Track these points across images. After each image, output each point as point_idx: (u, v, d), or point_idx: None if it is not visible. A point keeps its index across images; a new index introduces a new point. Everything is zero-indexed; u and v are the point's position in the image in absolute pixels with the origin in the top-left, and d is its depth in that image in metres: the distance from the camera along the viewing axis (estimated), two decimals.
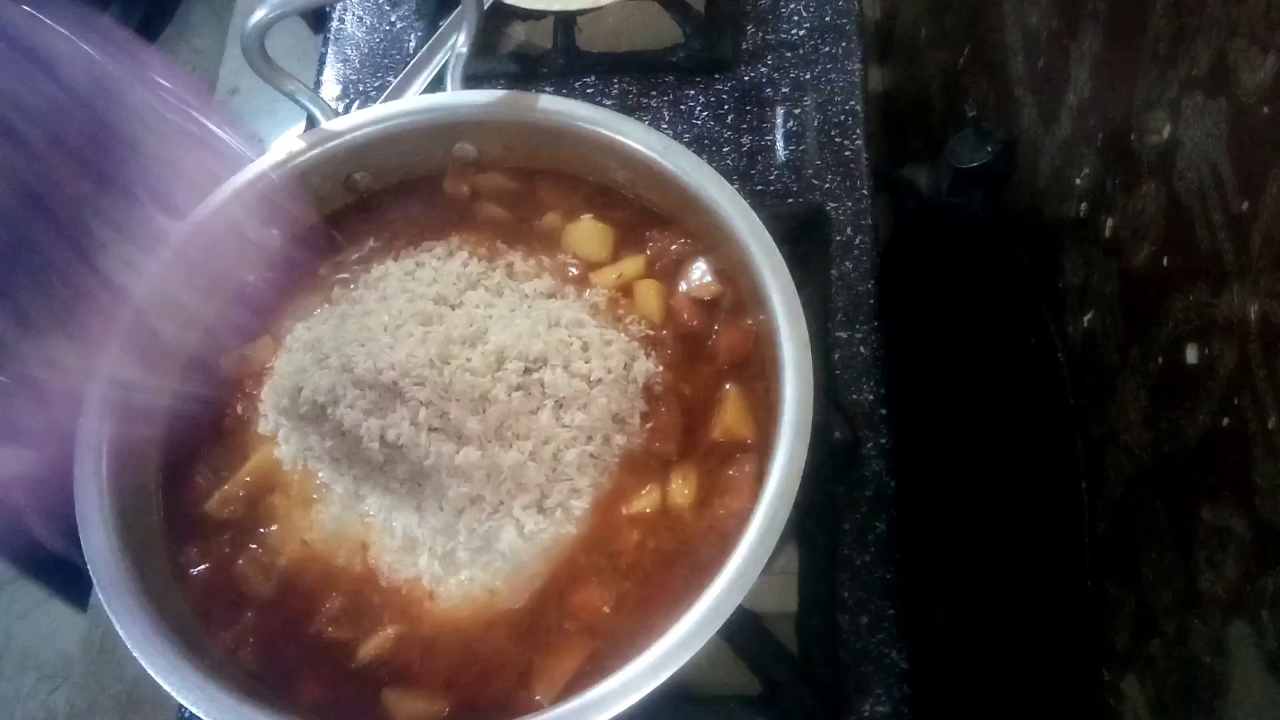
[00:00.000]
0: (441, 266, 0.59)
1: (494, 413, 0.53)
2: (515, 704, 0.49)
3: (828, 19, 0.84)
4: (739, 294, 0.59)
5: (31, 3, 0.62)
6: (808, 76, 0.82)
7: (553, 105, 0.62)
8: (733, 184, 0.58)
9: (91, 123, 0.43)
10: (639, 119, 0.61)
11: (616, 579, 0.52)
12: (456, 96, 0.63)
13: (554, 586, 0.52)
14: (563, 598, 0.52)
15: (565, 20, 0.82)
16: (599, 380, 0.55)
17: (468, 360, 0.54)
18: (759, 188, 0.77)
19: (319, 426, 0.55)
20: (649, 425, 0.55)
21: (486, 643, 0.51)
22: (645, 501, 0.53)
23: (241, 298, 0.61)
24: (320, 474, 0.55)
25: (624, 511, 0.53)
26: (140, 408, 0.55)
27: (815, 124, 0.79)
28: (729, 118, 0.80)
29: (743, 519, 0.50)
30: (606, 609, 0.51)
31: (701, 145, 0.79)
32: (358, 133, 0.62)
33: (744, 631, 0.59)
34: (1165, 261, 0.51)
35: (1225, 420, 0.45)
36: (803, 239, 0.73)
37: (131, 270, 0.47)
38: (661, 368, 0.56)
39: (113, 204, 0.44)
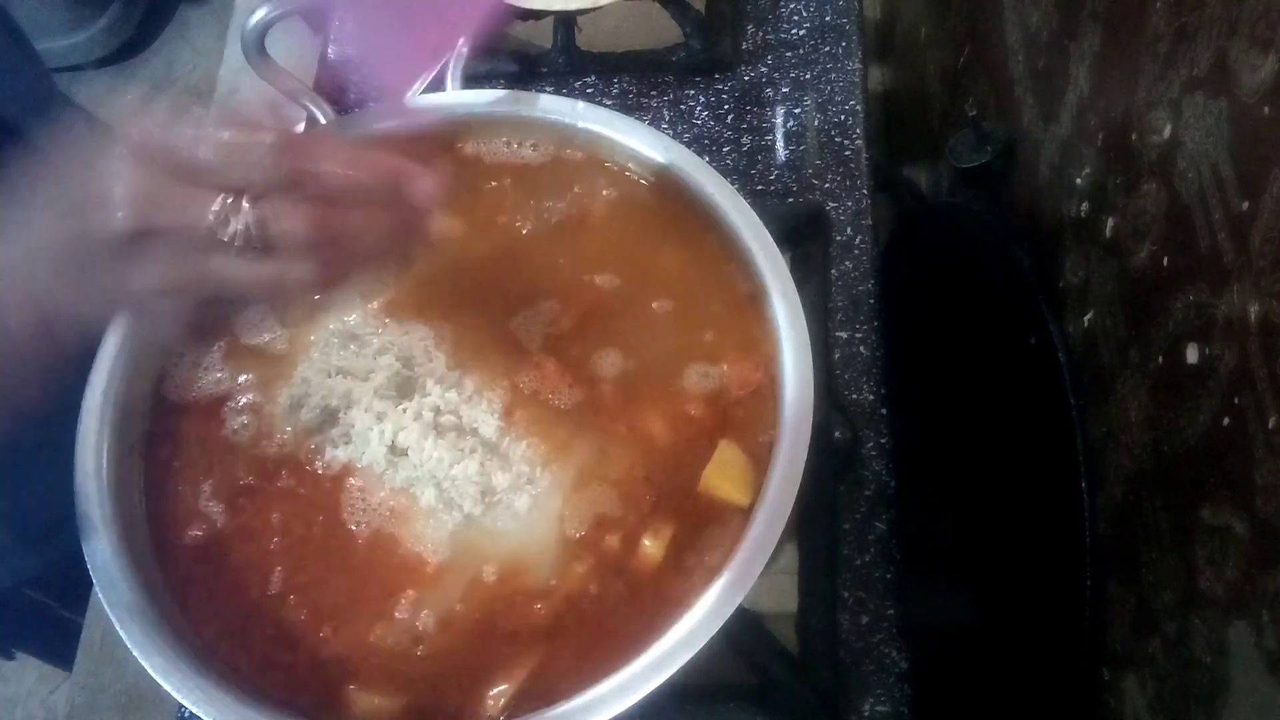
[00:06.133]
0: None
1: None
2: (472, 704, 0.49)
3: (828, 19, 0.84)
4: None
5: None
6: (808, 76, 0.82)
7: (553, 105, 0.62)
8: (733, 184, 0.58)
9: None
10: (639, 119, 0.61)
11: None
12: (456, 96, 0.63)
13: (502, 594, 0.52)
14: (511, 606, 0.51)
15: (565, 20, 0.82)
16: None
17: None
18: (759, 188, 0.77)
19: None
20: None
21: (447, 641, 0.51)
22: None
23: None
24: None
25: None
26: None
27: (815, 124, 0.79)
28: (729, 118, 0.80)
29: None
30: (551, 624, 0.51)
31: (701, 145, 0.79)
32: (357, 133, 0.62)
33: (744, 631, 0.59)
34: (1165, 261, 0.51)
35: (1225, 420, 0.45)
36: (803, 239, 0.73)
37: None
38: None
39: None
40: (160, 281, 0.42)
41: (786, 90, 0.81)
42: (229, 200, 0.40)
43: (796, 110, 0.80)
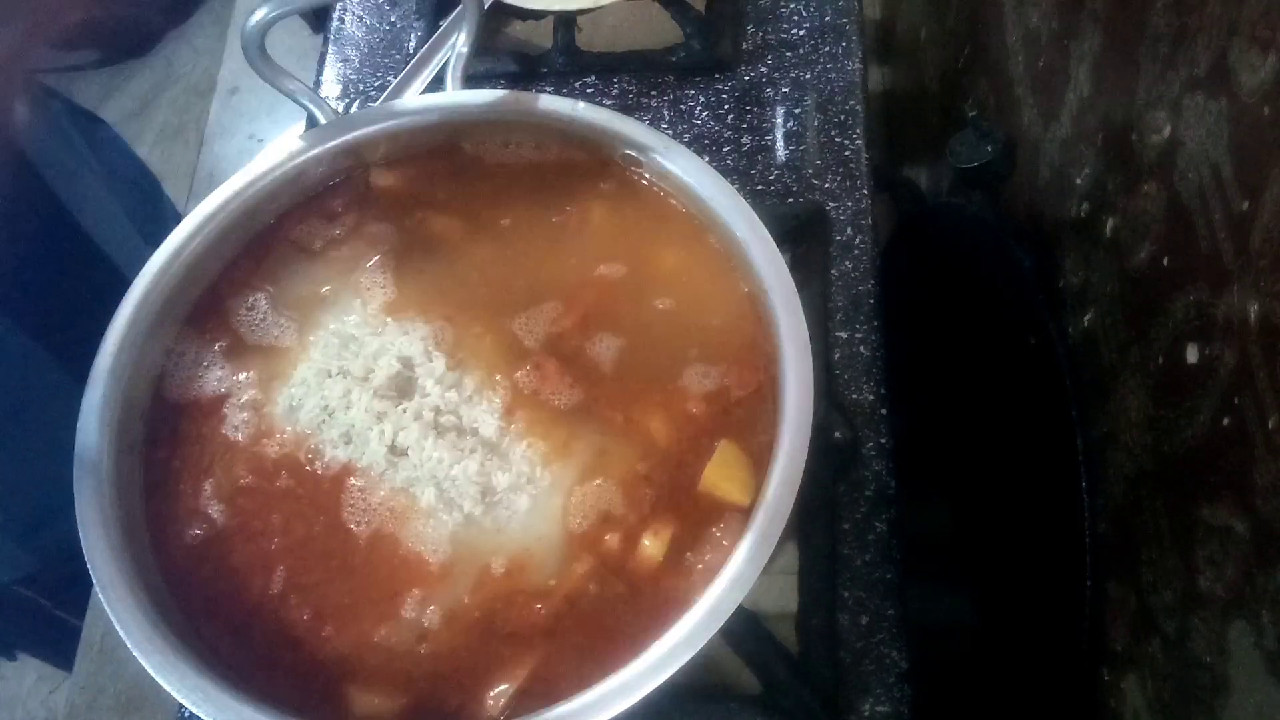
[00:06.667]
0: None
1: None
2: (472, 704, 0.49)
3: (828, 19, 0.84)
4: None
5: None
6: (808, 76, 0.82)
7: (553, 105, 0.62)
8: (733, 184, 0.58)
9: None
10: (639, 119, 0.61)
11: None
12: (456, 96, 0.64)
13: (503, 593, 0.52)
14: (511, 606, 0.52)
15: (565, 20, 0.82)
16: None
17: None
18: (759, 188, 0.77)
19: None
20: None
21: (448, 640, 0.51)
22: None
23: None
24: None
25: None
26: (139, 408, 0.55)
27: (815, 124, 0.79)
28: (729, 118, 0.80)
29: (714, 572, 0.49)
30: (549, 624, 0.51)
31: (701, 145, 0.79)
32: (358, 132, 0.62)
33: (744, 631, 0.59)
34: (1165, 261, 0.51)
35: (1225, 420, 0.45)
36: (803, 239, 0.73)
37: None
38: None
39: None
40: None
41: (786, 90, 0.81)
42: None
43: (796, 110, 0.80)
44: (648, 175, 0.61)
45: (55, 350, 0.80)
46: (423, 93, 0.80)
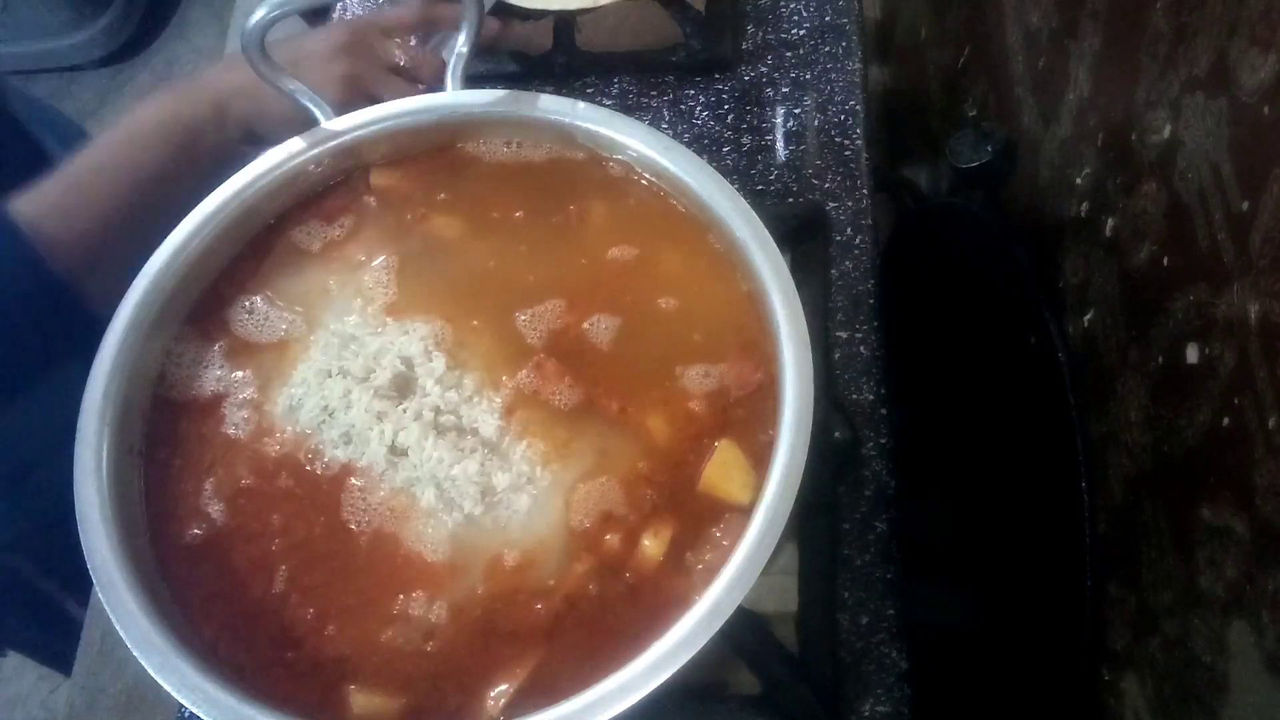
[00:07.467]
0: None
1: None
2: (472, 704, 0.49)
3: (828, 19, 0.85)
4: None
5: None
6: (808, 76, 0.82)
7: (553, 105, 0.62)
8: (733, 184, 0.58)
9: None
10: (639, 119, 0.61)
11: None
12: (456, 96, 0.64)
13: (503, 593, 0.52)
14: (512, 606, 0.51)
15: (565, 20, 0.82)
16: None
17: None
18: (759, 188, 0.77)
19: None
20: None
21: (448, 640, 0.51)
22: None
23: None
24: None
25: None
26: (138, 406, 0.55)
27: (815, 124, 0.80)
28: (729, 118, 0.80)
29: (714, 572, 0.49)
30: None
31: (701, 145, 0.79)
32: (358, 132, 0.62)
33: (744, 631, 0.59)
34: (1165, 261, 0.51)
35: (1225, 420, 0.45)
36: (803, 239, 0.73)
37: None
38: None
39: None
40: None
41: (786, 90, 0.81)
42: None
43: (796, 110, 0.80)
44: (647, 175, 0.61)
45: None
46: (422, 93, 0.80)
